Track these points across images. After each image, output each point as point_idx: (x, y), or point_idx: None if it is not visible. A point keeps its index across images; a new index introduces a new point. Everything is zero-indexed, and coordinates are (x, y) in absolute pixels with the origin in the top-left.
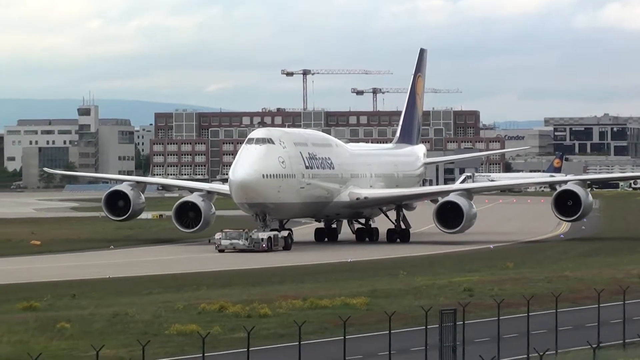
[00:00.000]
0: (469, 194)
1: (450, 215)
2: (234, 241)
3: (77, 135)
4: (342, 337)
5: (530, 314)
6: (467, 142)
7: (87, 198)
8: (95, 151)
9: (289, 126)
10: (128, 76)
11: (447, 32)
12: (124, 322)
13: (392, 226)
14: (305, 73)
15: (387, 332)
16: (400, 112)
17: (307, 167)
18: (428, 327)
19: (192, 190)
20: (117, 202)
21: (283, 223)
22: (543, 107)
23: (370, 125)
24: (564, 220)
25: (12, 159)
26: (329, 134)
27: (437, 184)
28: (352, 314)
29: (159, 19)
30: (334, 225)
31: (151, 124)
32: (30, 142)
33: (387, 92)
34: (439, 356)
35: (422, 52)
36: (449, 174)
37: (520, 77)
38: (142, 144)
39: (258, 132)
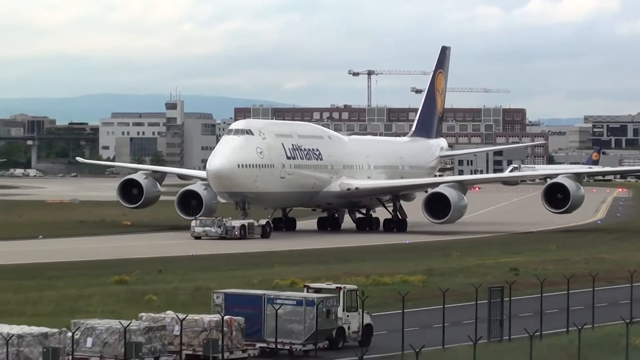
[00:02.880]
0: (461, 185)
1: (439, 206)
2: (206, 228)
3: (165, 127)
4: (401, 311)
5: (569, 291)
6: (515, 137)
7: (172, 184)
8: (181, 142)
9: (354, 121)
10: (212, 74)
11: (501, 37)
12: (205, 295)
13: (390, 216)
14: (370, 73)
15: (442, 306)
16: (455, 109)
17: (288, 158)
18: (478, 302)
19: (203, 179)
20: (131, 190)
21: (286, 212)
22: (584, 106)
23: None
24: (553, 212)
25: (106, 147)
26: (391, 129)
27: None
28: (410, 290)
29: (243, 23)
30: (337, 215)
31: (231, 118)
32: (123, 133)
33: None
34: (487, 329)
35: (444, 49)
36: (498, 165)
37: (565, 79)
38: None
39: (238, 124)
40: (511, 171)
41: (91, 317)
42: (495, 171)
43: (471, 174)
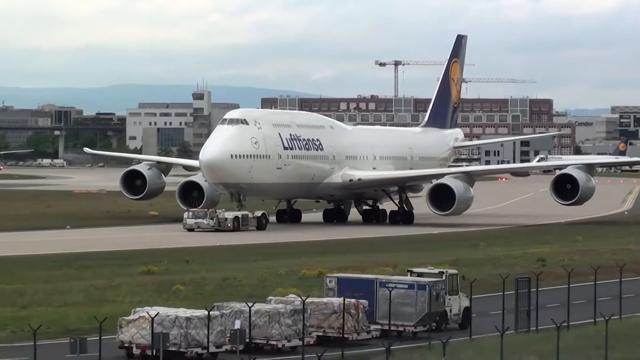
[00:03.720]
0: (467, 177)
1: (443, 198)
2: (199, 220)
3: (192, 117)
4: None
5: (597, 282)
6: (541, 127)
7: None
8: (208, 132)
9: (381, 112)
10: (239, 65)
11: (527, 27)
12: (232, 285)
13: (396, 208)
14: (397, 64)
15: (469, 296)
16: (482, 99)
17: (286, 148)
18: (505, 292)
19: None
20: (135, 181)
21: (291, 203)
22: (611, 96)
23: None
24: (562, 204)
25: (133, 138)
26: (417, 119)
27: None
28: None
29: (271, 13)
30: (343, 207)
31: (258, 108)
32: (150, 123)
33: (470, 81)
34: (514, 319)
35: (459, 38)
36: (525, 155)
37: (592, 69)
38: None
39: (233, 113)
40: (538, 161)
41: (119, 306)
42: (522, 162)
43: (498, 164)
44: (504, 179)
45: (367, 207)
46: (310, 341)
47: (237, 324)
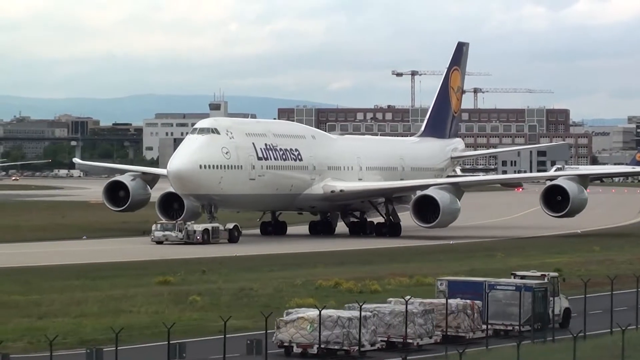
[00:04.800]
0: (455, 188)
1: (429, 209)
2: (167, 233)
3: None
4: (445, 311)
5: (613, 292)
6: (558, 137)
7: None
8: None
9: (397, 122)
10: (257, 74)
11: (545, 37)
12: (248, 295)
13: (382, 220)
14: (414, 74)
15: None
16: (498, 109)
17: (260, 158)
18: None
19: None
20: (118, 193)
21: (276, 215)
22: (628, 106)
23: (471, 122)
24: (552, 216)
25: (150, 148)
26: None
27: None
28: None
29: (289, 23)
30: (330, 219)
31: (275, 118)
32: (166, 134)
33: (487, 91)
34: (531, 329)
35: (460, 45)
36: (542, 165)
37: (609, 79)
38: None
39: (203, 122)
40: (555, 171)
41: (135, 317)
42: (539, 172)
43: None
44: (520, 189)
45: (354, 220)
46: (436, 339)
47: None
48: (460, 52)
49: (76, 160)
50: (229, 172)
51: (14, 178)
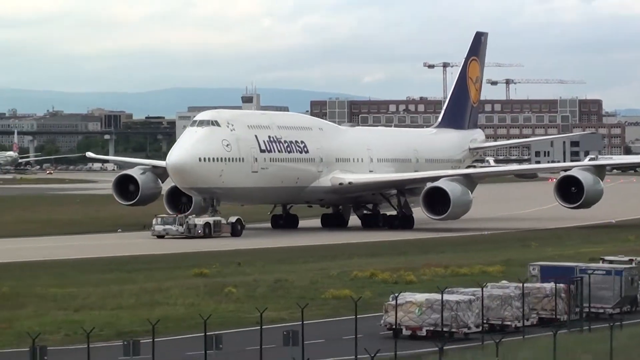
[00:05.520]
0: (467, 179)
1: (439, 201)
2: (167, 227)
3: None
4: (481, 301)
5: None
6: (591, 127)
7: None
8: None
9: (430, 113)
10: (290, 68)
11: (578, 28)
12: (284, 287)
13: (394, 213)
14: (445, 65)
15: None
16: (531, 100)
17: (263, 151)
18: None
19: None
20: (128, 187)
21: (288, 208)
22: None
23: (504, 113)
24: (566, 207)
25: None
26: None
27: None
28: (489, 280)
29: (321, 17)
30: (343, 212)
31: (307, 111)
32: None
33: (519, 82)
34: (567, 319)
35: (478, 35)
36: (575, 156)
37: None
38: None
39: (203, 114)
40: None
41: (171, 309)
42: (572, 162)
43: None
44: (553, 180)
45: (367, 212)
46: (533, 322)
47: None
48: (478, 42)
49: (89, 154)
50: (230, 164)
51: (48, 172)
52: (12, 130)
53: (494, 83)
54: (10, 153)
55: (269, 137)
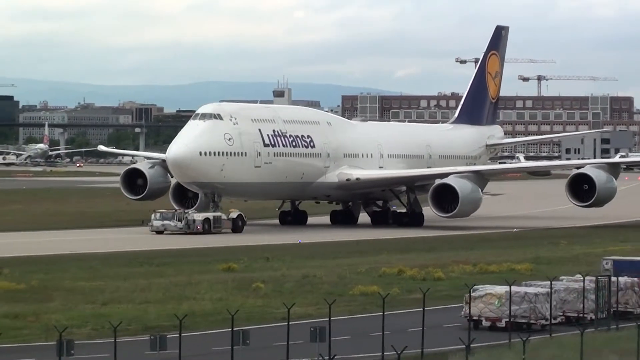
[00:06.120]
0: (477, 176)
1: (448, 199)
2: (165, 222)
3: None
4: (509, 299)
5: None
6: (622, 124)
7: None
8: None
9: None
10: (323, 62)
11: (611, 25)
12: (312, 282)
13: (404, 209)
14: (477, 61)
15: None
16: (562, 97)
17: (267, 145)
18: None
19: None
20: (136, 181)
21: (296, 204)
22: None
23: (535, 109)
24: (577, 206)
25: None
26: (498, 117)
27: None
28: (518, 278)
29: (357, 10)
30: (352, 208)
31: (338, 106)
32: None
33: (550, 79)
34: (594, 317)
35: (498, 29)
36: (605, 153)
37: None
38: None
39: (205, 107)
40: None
41: (199, 304)
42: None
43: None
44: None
45: (376, 209)
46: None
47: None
48: (498, 37)
49: (101, 147)
50: (232, 159)
51: (78, 164)
52: (43, 122)
53: (525, 79)
54: (41, 145)
55: (274, 131)
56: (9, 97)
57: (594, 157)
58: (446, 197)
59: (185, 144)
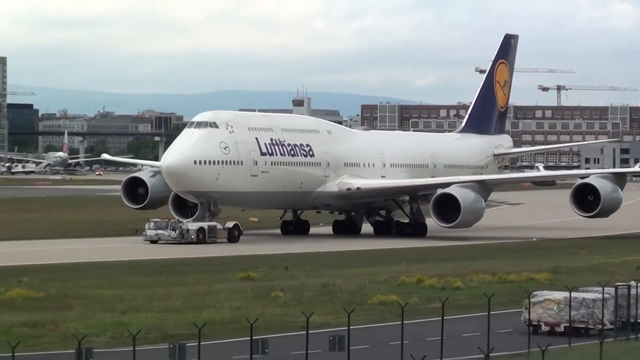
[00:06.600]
0: (481, 186)
1: (449, 208)
2: (159, 232)
3: None
4: (528, 308)
5: None
6: None
7: None
8: None
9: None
10: (342, 71)
11: (630, 35)
12: (331, 292)
13: (407, 219)
14: None
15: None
16: (581, 107)
17: (264, 154)
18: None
19: None
20: (137, 189)
21: (298, 214)
22: None
23: (554, 119)
24: (582, 216)
25: None
26: (517, 126)
27: None
28: (537, 287)
29: (375, 20)
30: (355, 218)
31: (358, 115)
32: None
33: (570, 89)
34: (614, 327)
35: (507, 38)
36: (625, 163)
37: None
38: None
39: (201, 115)
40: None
41: (218, 312)
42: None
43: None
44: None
45: (379, 219)
46: None
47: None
48: (508, 45)
49: (105, 155)
50: (228, 168)
51: (97, 173)
52: (62, 131)
53: (545, 89)
54: (60, 154)
55: (271, 139)
56: (29, 105)
57: (614, 167)
58: (448, 207)
59: (179, 152)
